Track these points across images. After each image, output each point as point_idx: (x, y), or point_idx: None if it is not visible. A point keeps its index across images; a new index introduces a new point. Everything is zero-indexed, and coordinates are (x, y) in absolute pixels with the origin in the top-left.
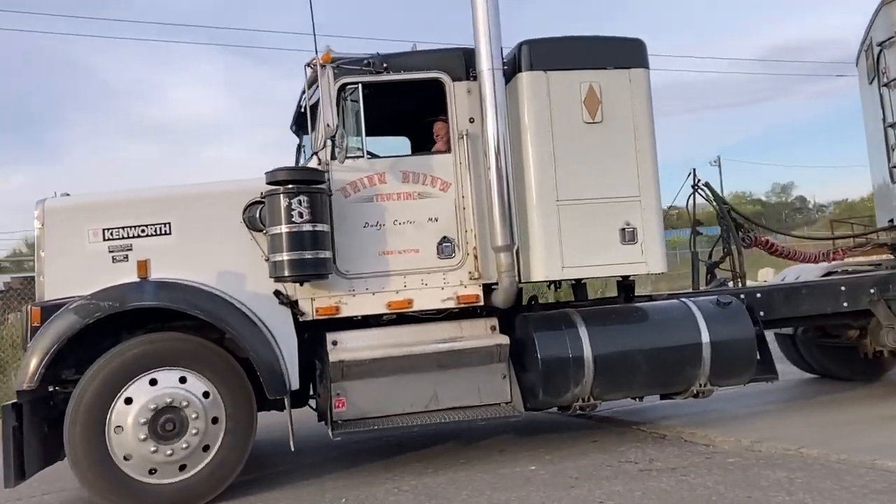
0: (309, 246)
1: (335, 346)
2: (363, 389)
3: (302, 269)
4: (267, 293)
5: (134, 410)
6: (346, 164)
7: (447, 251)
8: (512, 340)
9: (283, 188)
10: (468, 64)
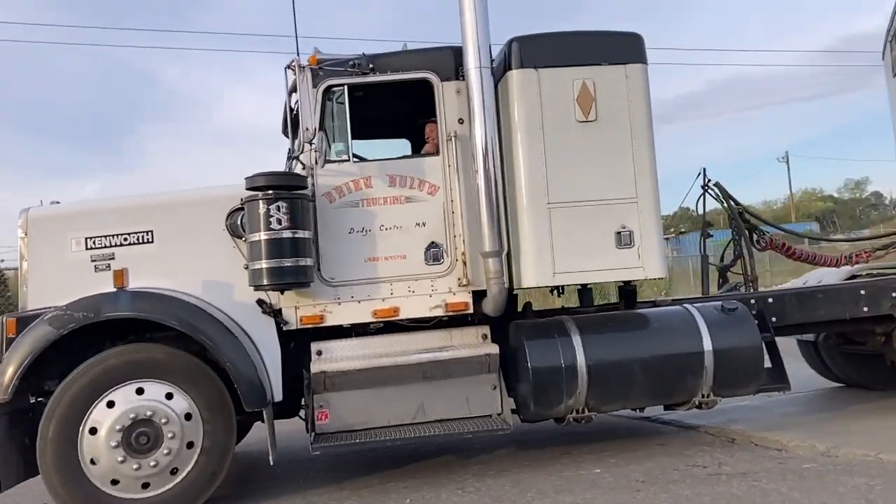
0: (288, 253)
1: (319, 355)
2: (347, 401)
3: (281, 277)
4: (250, 302)
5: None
6: (331, 168)
7: (435, 257)
8: (506, 349)
9: (261, 194)
10: (458, 63)
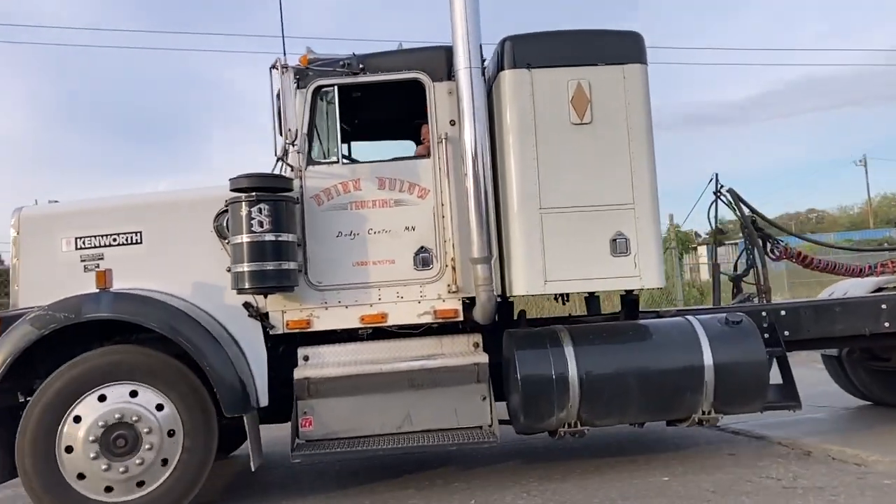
0: (271, 256)
1: (306, 361)
2: (331, 408)
3: (262, 280)
4: (237, 305)
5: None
6: (320, 170)
7: (424, 262)
8: (500, 359)
9: (244, 196)
10: (450, 63)
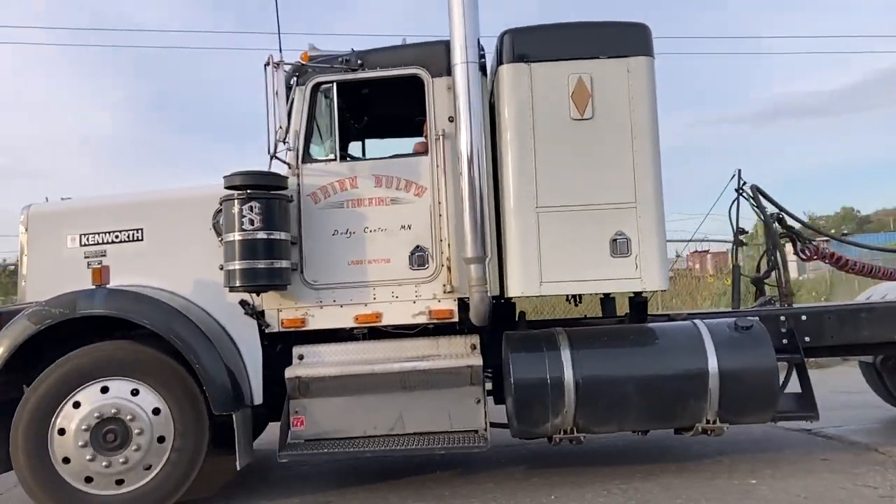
0: (262, 255)
1: (301, 360)
2: (323, 408)
3: (254, 278)
4: (234, 303)
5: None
6: (318, 167)
7: (420, 262)
8: (499, 361)
9: (236, 194)
10: (449, 58)
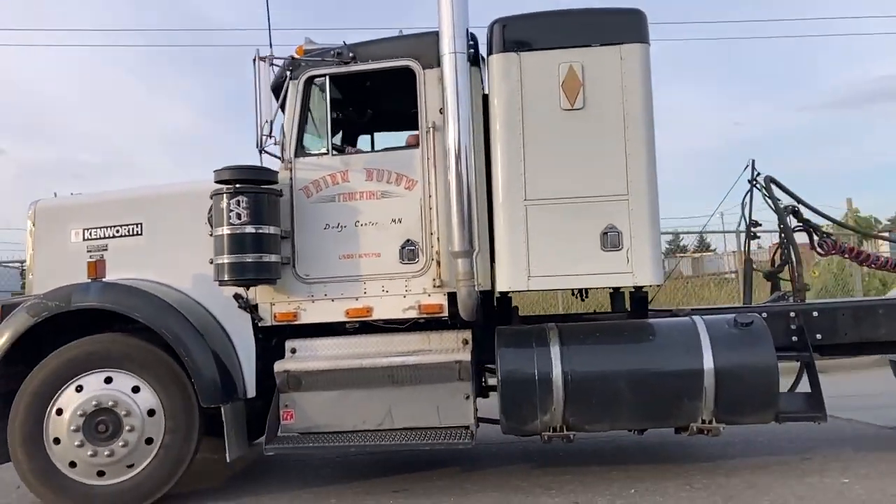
0: (250, 249)
1: (293, 354)
2: (313, 402)
3: (242, 272)
4: (228, 296)
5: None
6: (310, 161)
7: (410, 256)
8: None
9: (225, 188)
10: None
